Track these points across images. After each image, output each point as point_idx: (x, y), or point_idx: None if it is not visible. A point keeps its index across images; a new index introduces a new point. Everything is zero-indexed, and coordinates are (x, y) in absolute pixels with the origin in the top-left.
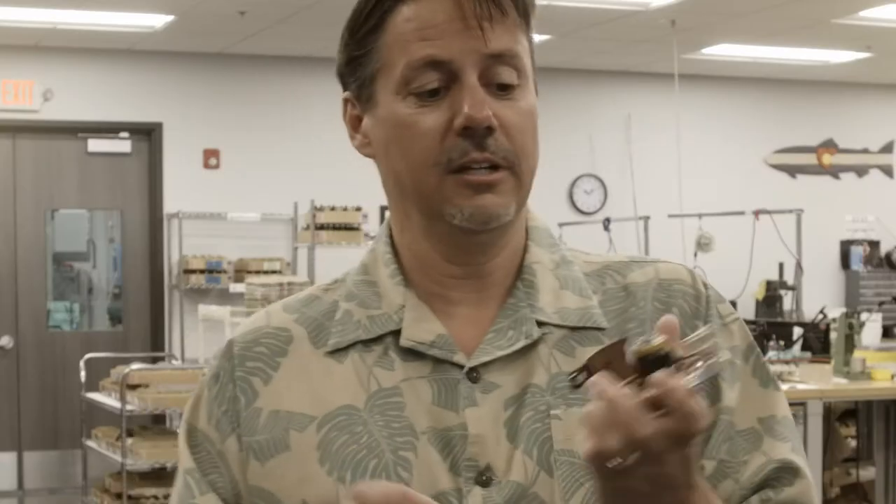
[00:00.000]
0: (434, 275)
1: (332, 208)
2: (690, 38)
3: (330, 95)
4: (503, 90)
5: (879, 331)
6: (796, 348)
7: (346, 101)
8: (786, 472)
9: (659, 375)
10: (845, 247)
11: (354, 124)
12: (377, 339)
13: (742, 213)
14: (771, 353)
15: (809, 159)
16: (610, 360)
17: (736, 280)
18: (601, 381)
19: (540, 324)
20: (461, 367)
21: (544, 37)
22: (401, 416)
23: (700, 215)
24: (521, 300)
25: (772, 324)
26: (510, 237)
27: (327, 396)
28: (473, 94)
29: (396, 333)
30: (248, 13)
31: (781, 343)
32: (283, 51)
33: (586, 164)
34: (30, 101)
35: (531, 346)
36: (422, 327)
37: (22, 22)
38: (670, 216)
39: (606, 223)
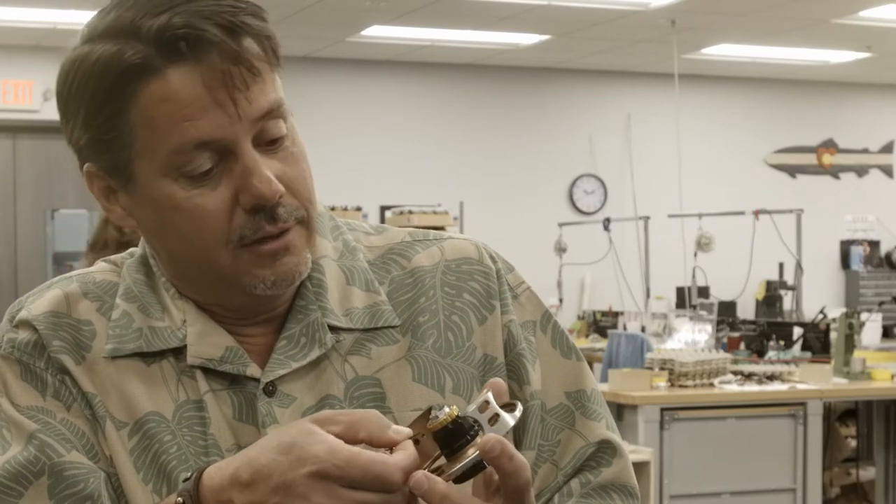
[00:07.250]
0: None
1: (333, 208)
2: (690, 38)
3: (329, 95)
4: (274, 143)
5: (879, 331)
6: (796, 348)
7: (90, 173)
8: (604, 452)
9: (415, 479)
10: (845, 247)
11: (108, 195)
12: (173, 351)
13: (742, 213)
14: (771, 353)
15: (809, 159)
16: (422, 432)
17: (736, 280)
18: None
19: (332, 328)
20: (257, 380)
21: (544, 37)
22: (206, 434)
23: (700, 215)
24: (311, 301)
25: (772, 324)
26: None
27: (134, 400)
28: (257, 169)
29: (182, 349)
30: None
31: (781, 343)
32: (283, 51)
33: (586, 164)
34: (30, 101)
35: (324, 354)
36: (208, 342)
37: (22, 22)
38: (670, 216)
39: (606, 223)
